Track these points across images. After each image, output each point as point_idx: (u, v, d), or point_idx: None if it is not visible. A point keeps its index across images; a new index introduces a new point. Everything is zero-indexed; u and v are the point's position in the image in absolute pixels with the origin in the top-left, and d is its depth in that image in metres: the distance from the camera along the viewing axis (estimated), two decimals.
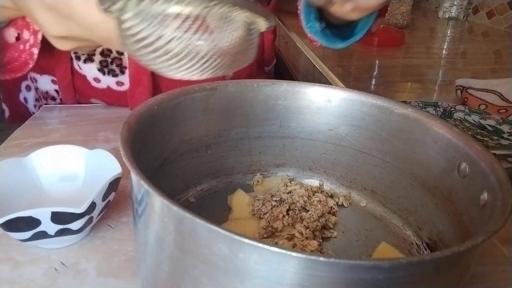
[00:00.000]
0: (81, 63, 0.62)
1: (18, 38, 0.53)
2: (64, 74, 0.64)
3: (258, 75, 0.80)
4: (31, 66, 0.53)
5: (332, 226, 0.41)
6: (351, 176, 0.44)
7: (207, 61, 0.30)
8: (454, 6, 1.45)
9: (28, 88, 0.71)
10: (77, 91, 0.67)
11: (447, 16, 1.47)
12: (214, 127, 0.42)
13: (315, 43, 0.59)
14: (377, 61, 1.02)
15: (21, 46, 0.53)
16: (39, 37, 0.52)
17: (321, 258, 0.20)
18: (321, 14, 0.54)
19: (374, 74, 0.94)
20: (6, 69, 0.53)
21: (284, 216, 0.40)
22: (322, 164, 0.45)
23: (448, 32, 1.34)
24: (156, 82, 0.63)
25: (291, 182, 0.45)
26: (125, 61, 0.62)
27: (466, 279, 0.26)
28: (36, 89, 0.70)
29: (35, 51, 0.53)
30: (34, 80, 0.69)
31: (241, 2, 0.30)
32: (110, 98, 0.66)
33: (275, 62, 0.88)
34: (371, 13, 0.50)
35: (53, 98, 0.69)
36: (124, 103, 0.65)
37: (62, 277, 0.34)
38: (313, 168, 0.46)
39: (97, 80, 0.64)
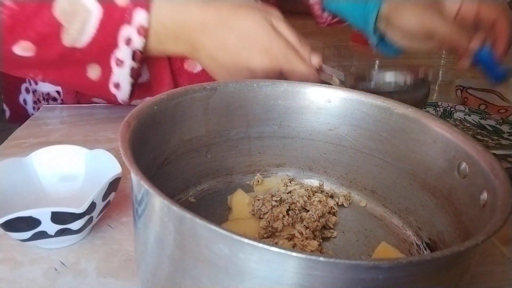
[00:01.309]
0: None
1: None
2: None
3: None
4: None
5: (332, 226, 0.41)
6: (351, 176, 0.44)
7: None
8: None
9: (27, 90, 0.71)
10: (78, 92, 0.66)
11: None
12: (214, 127, 0.42)
13: (322, 25, 0.75)
14: (377, 61, 1.02)
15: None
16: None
17: (321, 258, 0.20)
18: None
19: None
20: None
21: (284, 216, 0.40)
22: (322, 164, 0.45)
23: None
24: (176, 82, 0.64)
25: (291, 182, 0.45)
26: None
27: (466, 279, 0.26)
28: (34, 92, 0.70)
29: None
30: (34, 82, 0.69)
31: None
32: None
33: None
34: None
35: (55, 99, 0.69)
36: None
37: (62, 277, 0.34)
38: (313, 168, 0.46)
39: None
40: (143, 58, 0.51)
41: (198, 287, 0.25)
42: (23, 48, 0.47)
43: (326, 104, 0.43)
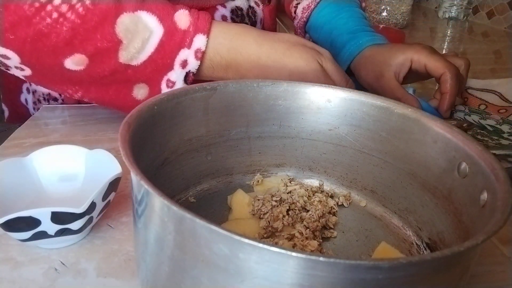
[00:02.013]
0: None
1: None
2: None
3: None
4: None
5: (332, 226, 0.41)
6: (351, 176, 0.44)
7: None
8: (454, 6, 1.45)
9: (28, 90, 0.71)
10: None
11: (447, 16, 1.47)
12: (214, 127, 0.42)
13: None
14: None
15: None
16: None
17: (321, 258, 0.20)
18: None
19: None
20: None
21: (284, 216, 0.40)
22: (322, 164, 0.45)
23: (448, 32, 1.34)
24: None
25: (291, 182, 0.45)
26: None
27: (466, 279, 0.26)
28: (35, 91, 0.70)
29: None
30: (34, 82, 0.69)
31: None
32: None
33: None
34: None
35: (55, 99, 0.69)
36: None
37: (62, 277, 0.34)
38: (313, 168, 0.46)
39: None
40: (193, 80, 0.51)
41: (198, 287, 0.25)
42: (75, 62, 0.46)
43: (326, 104, 0.43)
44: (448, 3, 1.46)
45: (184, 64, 0.49)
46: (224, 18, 0.66)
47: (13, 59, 0.46)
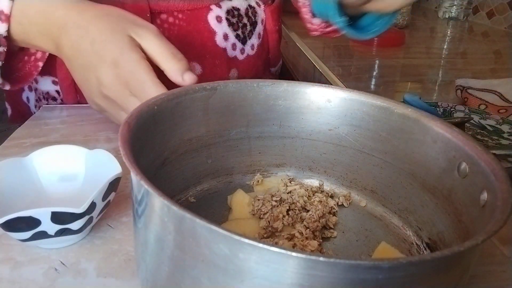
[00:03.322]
0: None
1: (22, 48, 0.53)
2: (66, 75, 0.63)
3: (264, 75, 0.80)
4: (34, 76, 0.56)
5: (332, 226, 0.41)
6: (351, 176, 0.44)
7: None
8: (454, 6, 1.45)
9: (30, 88, 0.71)
10: (79, 92, 0.66)
11: (447, 16, 1.47)
12: (214, 127, 0.42)
13: (314, 33, 0.65)
14: (377, 61, 1.02)
15: (26, 58, 0.55)
16: (47, 54, 0.54)
17: (321, 258, 0.20)
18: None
19: (374, 74, 0.94)
20: (10, 79, 0.54)
21: (284, 216, 0.40)
22: (322, 164, 0.45)
23: (448, 32, 1.34)
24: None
25: (291, 182, 0.45)
26: None
27: (466, 279, 0.26)
28: (36, 90, 0.70)
29: (40, 64, 0.55)
30: (34, 80, 0.69)
31: None
32: None
33: (281, 63, 0.88)
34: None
35: (54, 99, 0.69)
36: None
37: (62, 277, 0.34)
38: (313, 168, 0.46)
39: None
40: (10, 44, 0.49)
41: (198, 287, 0.25)
42: None
43: (326, 104, 0.43)
44: (448, 3, 1.46)
45: None
46: (218, 19, 0.66)
47: None
